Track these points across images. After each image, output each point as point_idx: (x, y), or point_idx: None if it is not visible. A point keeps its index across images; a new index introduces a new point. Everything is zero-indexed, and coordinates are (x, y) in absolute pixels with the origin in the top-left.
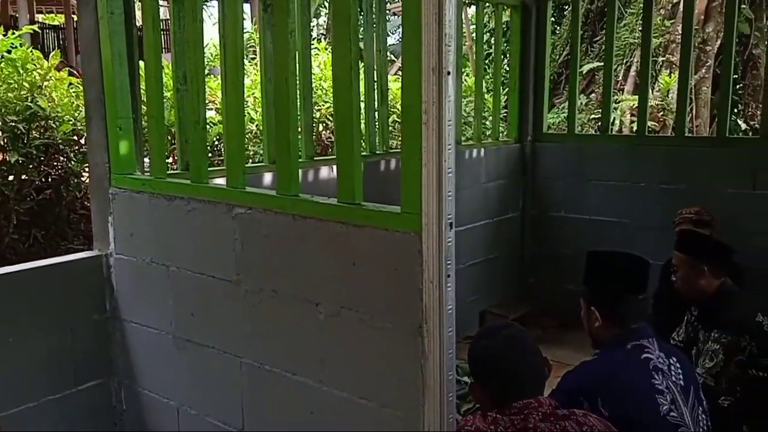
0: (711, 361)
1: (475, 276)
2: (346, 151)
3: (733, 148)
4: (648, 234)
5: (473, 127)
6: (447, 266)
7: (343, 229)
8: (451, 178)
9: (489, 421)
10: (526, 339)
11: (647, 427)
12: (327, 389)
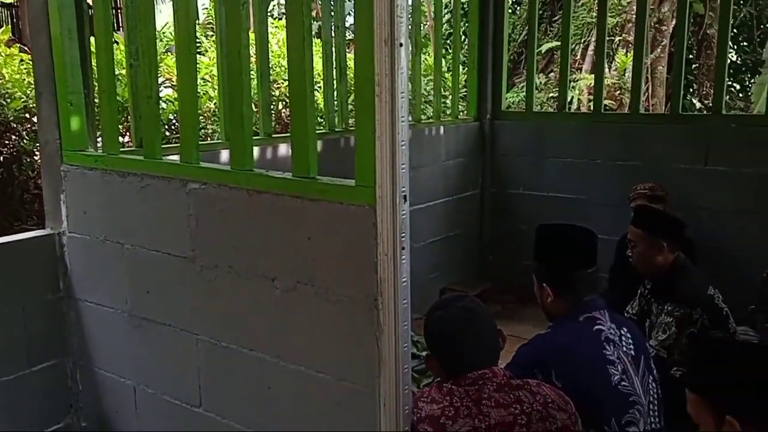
0: (664, 334)
1: (435, 254)
2: (301, 125)
3: (686, 125)
4: (604, 210)
5: (433, 106)
6: (401, 239)
7: (298, 203)
8: (405, 151)
9: (444, 392)
10: (480, 311)
11: (600, 397)
12: (284, 364)
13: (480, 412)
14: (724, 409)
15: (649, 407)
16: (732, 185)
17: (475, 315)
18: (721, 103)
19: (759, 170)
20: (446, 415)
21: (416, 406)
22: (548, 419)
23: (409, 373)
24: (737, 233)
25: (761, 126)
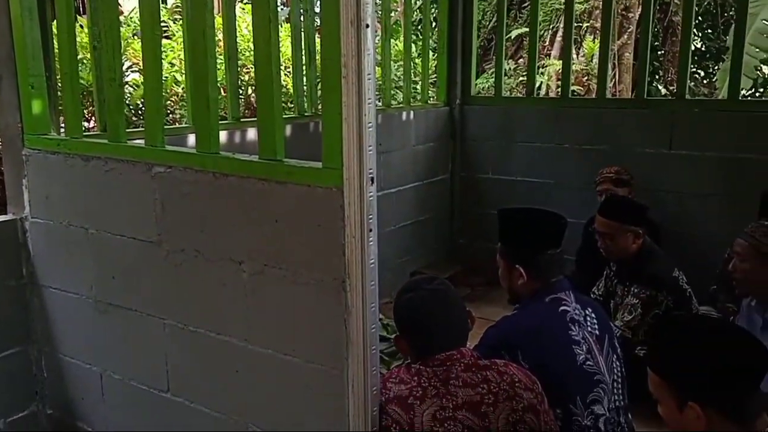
0: (629, 315)
1: (406, 237)
2: (267, 107)
3: (651, 110)
4: (571, 193)
5: (403, 91)
6: (369, 221)
7: (265, 186)
8: (372, 133)
9: (413, 373)
10: (449, 292)
11: (565, 376)
12: (252, 347)
13: (448, 392)
14: (686, 393)
15: (613, 385)
16: (696, 169)
17: (445, 297)
18: (685, 88)
19: (722, 154)
20: (414, 396)
21: (385, 387)
22: (515, 398)
23: (377, 354)
24: (700, 216)
25: (724, 111)
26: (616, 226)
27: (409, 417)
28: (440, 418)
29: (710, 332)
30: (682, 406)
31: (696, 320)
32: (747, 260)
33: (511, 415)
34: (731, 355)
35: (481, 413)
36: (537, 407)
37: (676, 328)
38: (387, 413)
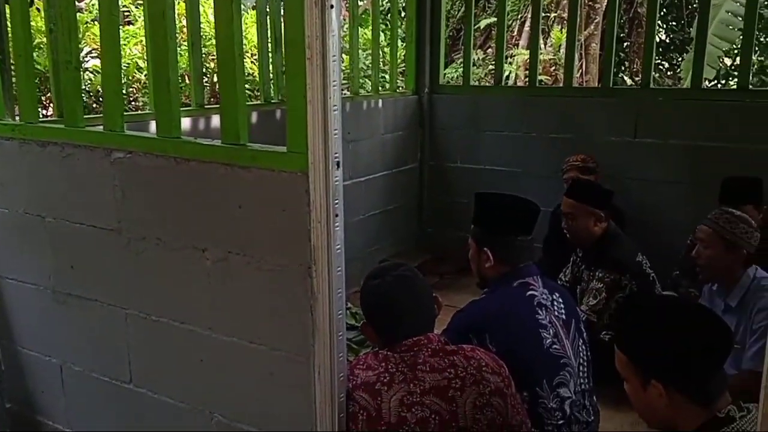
0: (594, 299)
1: (375, 226)
2: (229, 90)
3: (617, 99)
4: (539, 182)
5: (371, 79)
6: (335, 206)
7: (228, 171)
8: (337, 116)
9: (380, 359)
10: (415, 278)
11: (532, 359)
12: (216, 336)
13: (415, 377)
14: (650, 372)
15: (579, 369)
16: (660, 157)
17: (411, 282)
18: (650, 77)
19: (685, 142)
20: (381, 381)
21: (352, 374)
22: (482, 382)
23: (343, 340)
24: (664, 203)
25: (687, 99)
26: (580, 207)
27: (376, 403)
28: (407, 403)
29: (676, 312)
30: (646, 385)
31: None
32: (710, 247)
33: (478, 399)
34: (695, 336)
35: (448, 398)
36: (504, 391)
37: (644, 307)
38: (354, 399)
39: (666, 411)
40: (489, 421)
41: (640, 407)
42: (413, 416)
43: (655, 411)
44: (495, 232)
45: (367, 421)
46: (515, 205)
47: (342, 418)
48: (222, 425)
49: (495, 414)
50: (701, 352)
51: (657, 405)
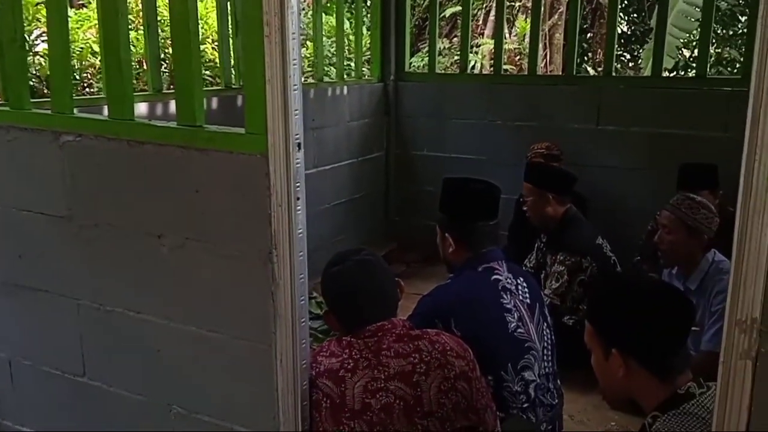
0: (557, 282)
1: (341, 215)
2: (184, 69)
3: (580, 87)
4: (504, 169)
5: (336, 66)
6: (296, 189)
7: (184, 153)
8: (297, 96)
9: (343, 345)
10: (376, 263)
11: (497, 343)
12: (174, 325)
13: (380, 363)
14: (610, 340)
15: (543, 352)
16: (621, 144)
17: (372, 267)
18: (612, 66)
19: (646, 130)
20: (345, 368)
21: (315, 361)
22: (446, 366)
23: (306, 327)
24: (626, 190)
25: (648, 88)
26: (538, 191)
27: (340, 390)
28: (372, 389)
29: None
30: (607, 354)
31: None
32: (673, 232)
33: (443, 383)
34: (657, 309)
35: (413, 383)
36: (469, 374)
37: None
38: (318, 387)
39: (624, 381)
40: (454, 405)
41: (602, 378)
42: (377, 402)
43: (615, 381)
44: (458, 218)
45: (331, 408)
46: (476, 190)
47: (305, 405)
48: (181, 417)
49: (460, 398)
50: (662, 325)
51: (616, 375)
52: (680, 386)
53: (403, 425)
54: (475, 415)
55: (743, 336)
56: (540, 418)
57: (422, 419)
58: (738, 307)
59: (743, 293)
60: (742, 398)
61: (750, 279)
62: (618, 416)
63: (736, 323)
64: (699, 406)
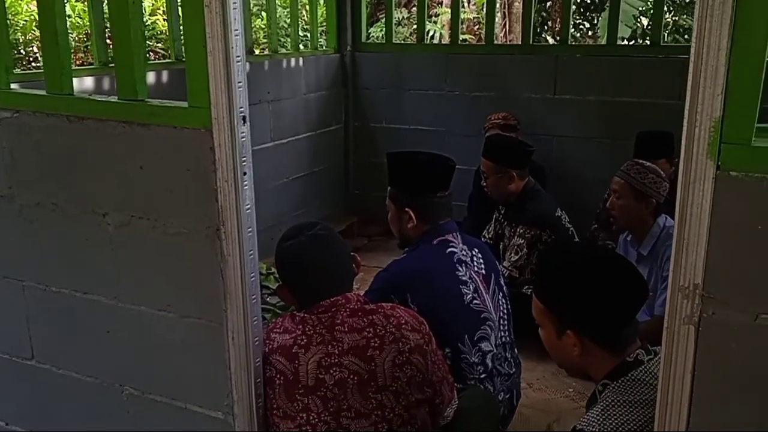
0: (516, 255)
1: (301, 189)
2: (124, 40)
3: (537, 56)
4: (462, 140)
5: (291, 37)
6: (243, 163)
7: (127, 129)
8: (241, 67)
9: (297, 322)
10: (331, 237)
11: (453, 316)
12: (123, 305)
13: (333, 339)
14: (565, 322)
15: (499, 322)
16: (578, 113)
17: (326, 241)
18: (568, 35)
19: (602, 98)
20: (299, 344)
21: (268, 338)
22: (401, 340)
23: (258, 304)
24: (583, 159)
25: (604, 56)
26: (496, 166)
27: (293, 366)
28: (325, 365)
29: (593, 263)
30: (561, 334)
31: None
32: (622, 197)
33: (398, 357)
34: (610, 287)
35: (367, 357)
36: (424, 347)
37: (562, 256)
38: (271, 363)
39: (578, 359)
40: (408, 379)
41: (555, 354)
42: (331, 378)
43: (569, 358)
44: (413, 192)
45: (284, 384)
46: (430, 163)
47: (259, 383)
48: (134, 398)
49: (415, 371)
50: (615, 303)
51: (570, 353)
52: (629, 354)
53: (357, 400)
54: (430, 388)
55: (686, 302)
56: (498, 387)
57: (376, 393)
58: (680, 273)
59: (685, 259)
60: (685, 363)
61: (692, 244)
62: (576, 382)
63: (679, 289)
64: (646, 372)
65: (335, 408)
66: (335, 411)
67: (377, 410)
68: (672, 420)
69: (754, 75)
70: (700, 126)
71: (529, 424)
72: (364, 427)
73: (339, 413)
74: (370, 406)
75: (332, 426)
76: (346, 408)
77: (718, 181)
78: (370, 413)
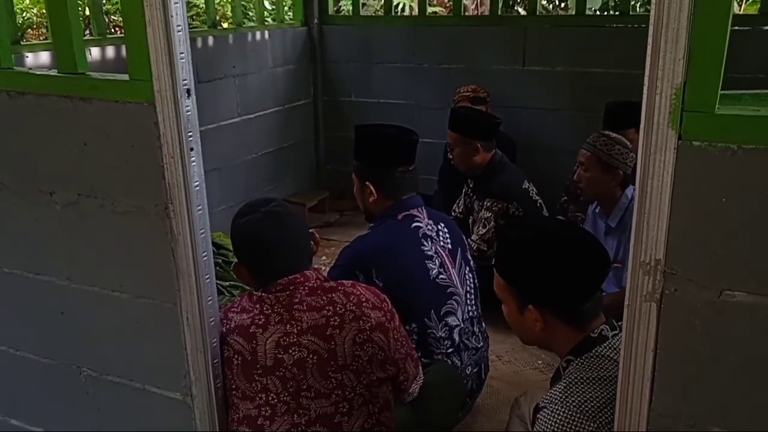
0: (484, 228)
1: (270, 165)
2: (60, 11)
3: (505, 27)
4: (432, 113)
5: (255, 9)
6: (189, 138)
7: (68, 104)
8: (183, 38)
9: (254, 301)
10: (287, 213)
11: (419, 291)
12: (76, 286)
13: (292, 318)
14: (527, 297)
15: (466, 297)
16: (548, 85)
17: (282, 218)
18: (536, 5)
19: (571, 69)
20: (257, 324)
21: (226, 318)
22: (362, 318)
23: (212, 283)
24: (552, 130)
25: (573, 26)
26: (461, 138)
27: (251, 346)
28: (284, 344)
29: (553, 237)
30: (523, 309)
31: (541, 224)
32: (589, 169)
33: (358, 336)
34: (572, 261)
35: (326, 336)
36: (386, 325)
37: (522, 231)
38: (228, 344)
39: (541, 334)
40: (370, 357)
41: (517, 329)
42: (290, 357)
43: (532, 333)
44: (375, 165)
45: (242, 365)
46: (390, 137)
47: (216, 363)
48: (92, 379)
49: (376, 349)
50: (576, 277)
51: (533, 328)
52: (593, 330)
53: (317, 380)
54: (393, 366)
55: (647, 278)
56: (465, 361)
57: (336, 373)
58: (641, 249)
59: (646, 234)
60: (647, 341)
61: (653, 219)
62: (545, 354)
63: (640, 265)
64: (610, 348)
65: (294, 388)
66: (295, 391)
67: (337, 389)
68: (634, 399)
69: (718, 38)
70: (661, 93)
71: (498, 396)
72: (324, 407)
73: (299, 393)
74: (330, 386)
75: (292, 406)
76: (306, 388)
77: (679, 152)
78: (330, 393)
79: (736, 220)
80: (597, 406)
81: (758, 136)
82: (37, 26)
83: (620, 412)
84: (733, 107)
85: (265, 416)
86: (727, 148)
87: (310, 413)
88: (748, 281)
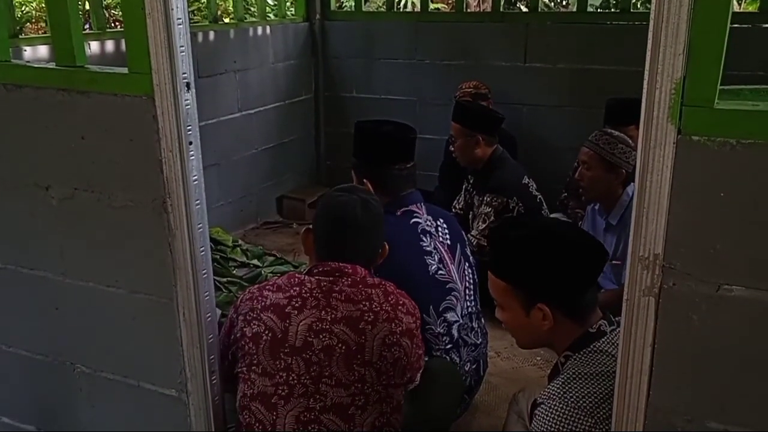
0: (483, 223)
1: (270, 161)
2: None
3: (506, 24)
4: (433, 110)
5: (257, 5)
6: (188, 132)
7: (66, 97)
8: (183, 31)
9: (294, 282)
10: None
11: (418, 287)
12: (71, 281)
13: (328, 305)
14: (534, 296)
15: (465, 292)
16: (549, 81)
17: (371, 213)
18: (538, 2)
19: (573, 66)
20: (293, 305)
21: (261, 295)
22: (395, 321)
23: (209, 279)
24: (553, 127)
25: (574, 23)
26: (466, 131)
27: (284, 325)
28: (316, 329)
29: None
30: (530, 309)
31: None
32: (591, 168)
33: (389, 337)
34: (572, 254)
35: (359, 329)
36: (414, 332)
37: (517, 230)
38: (261, 320)
39: (546, 333)
40: (395, 360)
41: (520, 332)
42: (320, 342)
43: (537, 334)
44: (372, 162)
45: (271, 341)
46: (388, 134)
47: (212, 360)
48: (86, 376)
49: (402, 354)
50: (579, 268)
51: (540, 328)
52: (591, 325)
53: (341, 369)
54: (411, 373)
55: (646, 272)
56: (464, 357)
57: (360, 367)
58: (640, 243)
59: (645, 228)
60: (645, 335)
61: (652, 214)
62: (544, 350)
63: (639, 260)
64: (609, 343)
65: (317, 373)
66: (316, 376)
67: (358, 383)
68: (632, 393)
69: (718, 32)
70: (661, 87)
71: (496, 392)
72: (342, 397)
73: (320, 378)
74: (351, 378)
75: (310, 390)
76: (328, 375)
77: (679, 146)
78: (350, 384)
79: (734, 215)
80: (595, 401)
81: (757, 130)
82: (36, 20)
83: (618, 406)
84: (732, 102)
85: (281, 395)
86: (726, 143)
87: (326, 400)
88: (746, 276)
